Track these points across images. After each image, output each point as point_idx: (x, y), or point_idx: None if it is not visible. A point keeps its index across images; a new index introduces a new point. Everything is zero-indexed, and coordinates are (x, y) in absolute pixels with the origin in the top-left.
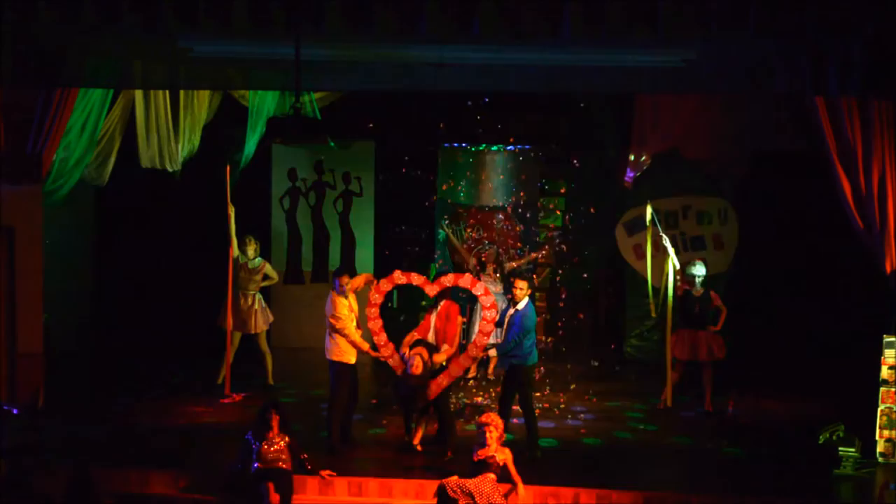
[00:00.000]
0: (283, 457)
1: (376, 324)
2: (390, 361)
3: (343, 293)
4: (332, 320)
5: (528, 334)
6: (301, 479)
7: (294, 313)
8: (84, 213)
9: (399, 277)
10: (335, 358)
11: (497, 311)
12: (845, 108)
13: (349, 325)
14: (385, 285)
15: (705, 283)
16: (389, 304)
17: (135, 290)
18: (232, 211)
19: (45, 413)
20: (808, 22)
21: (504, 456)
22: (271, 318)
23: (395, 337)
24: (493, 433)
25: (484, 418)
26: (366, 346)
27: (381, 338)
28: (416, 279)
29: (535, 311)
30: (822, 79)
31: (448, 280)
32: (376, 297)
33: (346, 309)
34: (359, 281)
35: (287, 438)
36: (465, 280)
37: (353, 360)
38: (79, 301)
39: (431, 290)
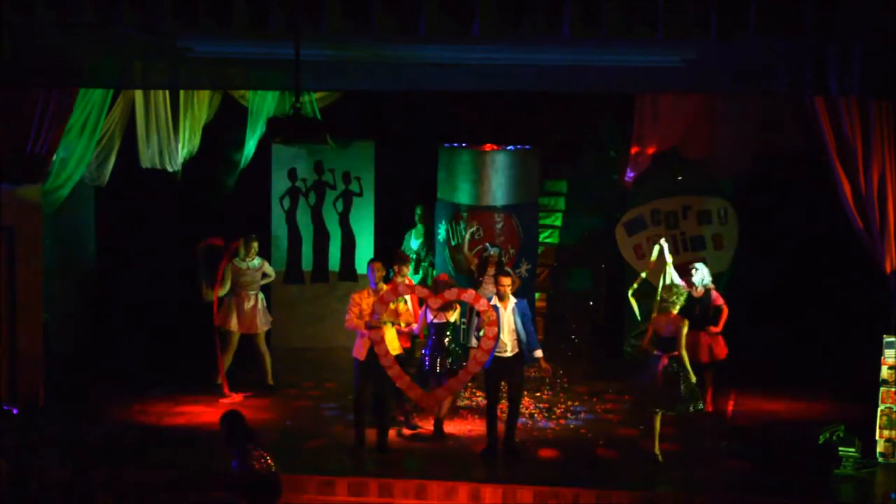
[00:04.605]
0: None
1: (377, 333)
2: (383, 361)
3: (382, 281)
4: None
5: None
6: (301, 479)
7: (294, 313)
8: (84, 213)
9: (404, 289)
10: (354, 354)
11: (498, 328)
12: (845, 108)
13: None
14: (388, 296)
15: (706, 284)
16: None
17: (135, 290)
18: (202, 251)
19: (45, 413)
20: (808, 22)
21: None
22: (271, 318)
23: None
24: None
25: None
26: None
27: (382, 347)
28: (420, 291)
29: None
30: (822, 79)
31: (451, 294)
32: (379, 307)
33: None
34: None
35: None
36: (469, 295)
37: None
38: (79, 301)
39: (434, 303)
